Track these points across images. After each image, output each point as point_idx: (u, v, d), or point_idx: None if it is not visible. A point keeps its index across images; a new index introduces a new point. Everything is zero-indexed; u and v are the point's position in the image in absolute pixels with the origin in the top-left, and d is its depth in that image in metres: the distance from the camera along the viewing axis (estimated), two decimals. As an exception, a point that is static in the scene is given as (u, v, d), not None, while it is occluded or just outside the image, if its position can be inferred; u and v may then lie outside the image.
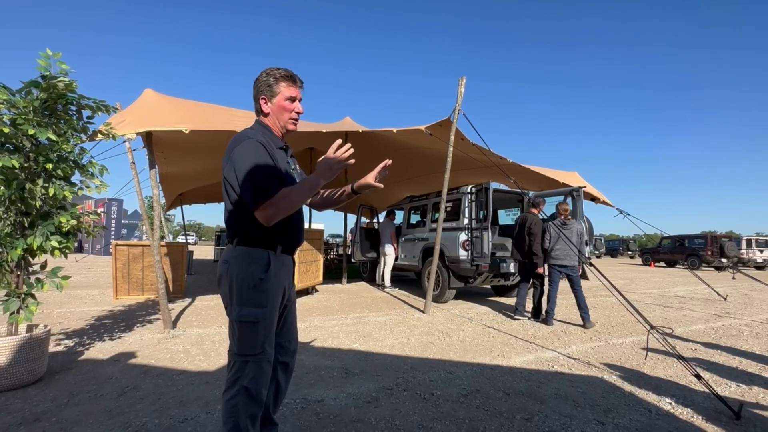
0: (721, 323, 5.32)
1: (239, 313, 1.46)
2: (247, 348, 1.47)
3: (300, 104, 1.61)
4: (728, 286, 10.37)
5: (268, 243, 1.51)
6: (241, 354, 1.47)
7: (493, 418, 2.32)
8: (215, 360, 3.26)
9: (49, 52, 2.73)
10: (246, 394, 1.45)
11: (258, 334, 1.47)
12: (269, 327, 1.51)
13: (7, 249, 2.66)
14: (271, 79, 1.55)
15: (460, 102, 5.38)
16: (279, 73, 1.56)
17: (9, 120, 2.63)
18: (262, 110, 1.58)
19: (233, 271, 1.48)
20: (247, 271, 1.46)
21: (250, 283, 1.46)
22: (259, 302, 1.47)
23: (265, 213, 1.37)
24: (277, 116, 1.58)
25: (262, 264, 1.48)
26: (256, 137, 1.47)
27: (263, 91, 1.56)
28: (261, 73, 1.58)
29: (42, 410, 2.28)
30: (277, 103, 1.56)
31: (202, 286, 8.21)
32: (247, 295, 1.46)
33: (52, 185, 2.74)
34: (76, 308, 5.47)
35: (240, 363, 1.47)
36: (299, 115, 1.61)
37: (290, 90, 1.57)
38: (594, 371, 3.19)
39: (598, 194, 7.92)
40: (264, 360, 1.49)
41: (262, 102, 1.57)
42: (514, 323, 5.02)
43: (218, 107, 5.53)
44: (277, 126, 1.60)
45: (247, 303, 1.46)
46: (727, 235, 20.51)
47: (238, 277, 1.47)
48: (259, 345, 1.47)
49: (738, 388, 2.89)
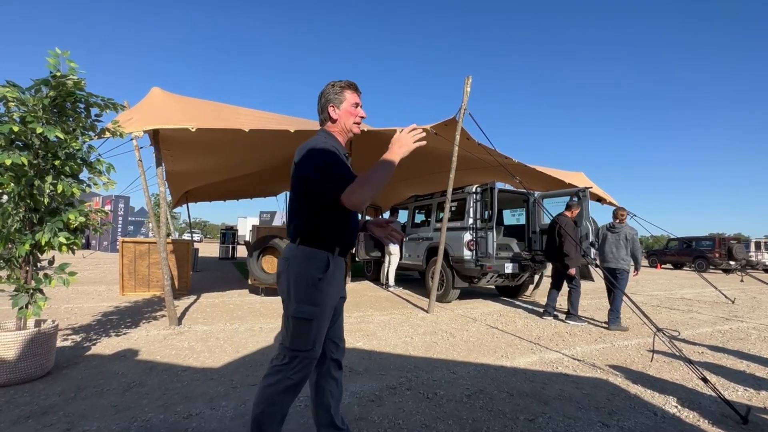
0: (729, 326, 5.26)
1: (296, 310, 1.54)
2: (299, 344, 1.55)
3: (362, 110, 1.78)
4: (736, 288, 10.24)
5: (328, 245, 1.61)
6: (292, 349, 1.56)
7: (497, 418, 2.31)
8: (220, 357, 3.29)
9: (58, 50, 2.76)
10: (286, 385, 1.55)
11: (311, 331, 1.56)
12: (322, 326, 1.59)
13: (16, 245, 2.70)
14: (337, 88, 1.72)
15: (466, 101, 5.37)
16: (343, 83, 1.73)
17: (19, 117, 2.66)
18: (330, 117, 1.72)
19: (293, 268, 1.57)
20: (306, 270, 1.56)
21: (308, 281, 1.55)
22: (315, 301, 1.56)
23: (352, 197, 1.45)
24: (344, 121, 1.73)
25: (321, 264, 1.58)
26: (330, 142, 1.63)
27: (331, 99, 1.72)
28: (326, 86, 1.75)
29: (49, 404, 2.31)
30: (345, 108, 1.72)
31: (207, 283, 8.27)
32: (304, 292, 1.55)
33: (60, 182, 2.77)
34: (83, 304, 5.53)
35: (290, 357, 1.56)
36: (362, 119, 1.78)
37: (354, 97, 1.74)
38: (599, 373, 3.17)
39: (605, 195, 7.86)
40: (311, 357, 1.58)
41: (331, 109, 1.71)
42: (519, 323, 5.00)
43: (224, 105, 5.56)
44: (343, 130, 1.74)
45: (304, 300, 1.55)
46: (736, 237, 20.25)
47: (297, 275, 1.56)
48: (310, 342, 1.56)
49: (745, 392, 2.86)
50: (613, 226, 5.21)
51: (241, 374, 2.88)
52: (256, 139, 5.64)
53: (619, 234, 5.11)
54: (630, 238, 5.10)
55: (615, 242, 5.09)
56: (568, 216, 5.34)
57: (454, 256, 6.35)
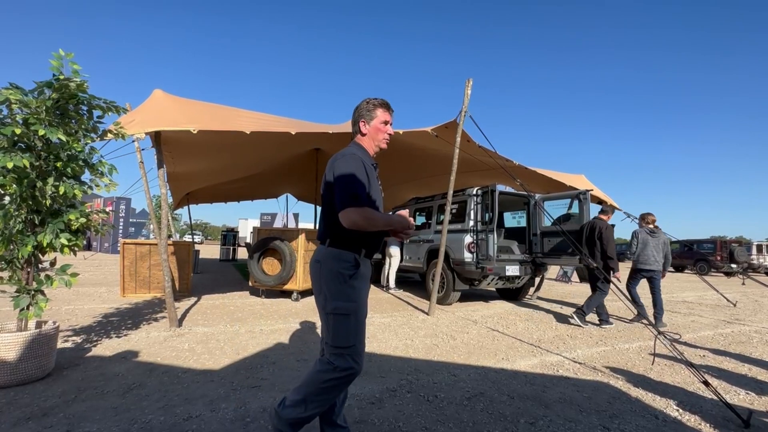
0: (731, 330, 5.25)
1: (334, 306, 1.63)
2: (342, 341, 1.63)
3: (391, 127, 1.90)
4: (738, 292, 10.21)
5: (354, 247, 1.70)
6: (335, 346, 1.63)
7: (497, 421, 2.30)
8: (220, 358, 3.28)
9: (61, 52, 2.78)
10: (332, 383, 1.62)
11: (350, 326, 1.64)
12: (360, 321, 1.67)
13: (18, 246, 2.71)
14: (371, 105, 1.84)
15: (467, 104, 5.37)
16: (377, 101, 1.85)
17: (21, 119, 2.67)
18: (360, 131, 1.85)
19: (325, 268, 1.68)
20: (338, 269, 1.66)
21: (341, 279, 1.65)
22: (350, 297, 1.65)
23: (349, 216, 1.57)
24: (373, 136, 1.86)
25: (350, 264, 1.68)
26: (358, 153, 1.73)
27: (364, 115, 1.85)
28: (362, 102, 1.87)
29: (50, 405, 2.31)
30: (374, 125, 1.85)
31: (208, 285, 8.27)
32: (338, 289, 1.65)
33: (62, 184, 2.78)
34: (84, 305, 5.54)
35: (336, 355, 1.63)
36: (390, 136, 1.89)
37: (385, 115, 1.86)
38: (600, 376, 3.16)
39: (606, 197, 7.86)
40: (354, 353, 1.64)
41: (362, 124, 1.85)
42: (519, 326, 4.99)
43: (226, 107, 5.57)
44: (372, 145, 1.87)
45: (339, 297, 1.64)
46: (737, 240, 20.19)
47: (331, 273, 1.66)
48: (351, 338, 1.64)
49: (747, 396, 2.85)
50: (653, 231, 5.52)
51: (242, 376, 2.88)
52: (258, 141, 5.66)
53: (658, 239, 5.48)
54: (666, 242, 5.51)
55: (656, 246, 5.46)
56: (605, 219, 5.47)
57: (455, 259, 6.35)
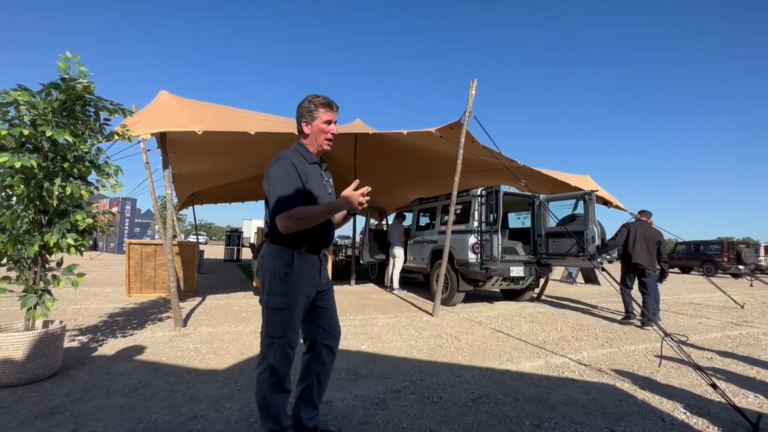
0: (738, 332, 5.19)
1: (267, 300, 1.71)
2: (272, 331, 1.71)
3: (335, 126, 1.84)
4: (745, 293, 10.09)
5: (293, 243, 1.74)
6: (267, 336, 1.72)
7: (502, 423, 2.29)
8: (224, 358, 3.29)
9: (68, 54, 2.80)
10: (270, 370, 1.69)
11: (282, 320, 1.70)
12: (292, 315, 1.72)
13: (26, 246, 2.73)
14: (312, 105, 1.79)
15: (471, 104, 5.36)
16: (318, 100, 1.80)
17: (29, 120, 2.70)
18: (303, 131, 1.82)
19: (266, 265, 1.75)
20: (274, 266, 1.71)
21: (276, 275, 1.71)
22: (283, 293, 1.70)
23: (281, 222, 1.63)
24: (315, 137, 1.82)
25: (287, 261, 1.72)
26: (290, 158, 1.72)
27: (304, 115, 1.80)
28: (303, 100, 1.82)
29: (57, 404, 2.33)
30: (316, 125, 1.80)
31: (213, 285, 8.30)
32: (274, 285, 1.71)
33: (69, 184, 2.80)
34: (90, 305, 5.58)
35: (267, 343, 1.72)
36: (333, 136, 1.84)
37: (327, 114, 1.80)
38: (606, 378, 3.14)
39: (611, 198, 7.80)
40: (286, 344, 1.71)
41: (304, 124, 1.81)
42: (524, 327, 4.96)
43: (231, 109, 5.60)
44: (314, 146, 1.83)
45: (273, 292, 1.71)
46: (745, 241, 19.97)
47: (268, 270, 1.73)
48: (282, 329, 1.70)
49: (756, 399, 2.81)
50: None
51: (246, 376, 2.89)
52: (262, 141, 5.67)
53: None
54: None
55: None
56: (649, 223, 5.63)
57: (459, 259, 6.33)
